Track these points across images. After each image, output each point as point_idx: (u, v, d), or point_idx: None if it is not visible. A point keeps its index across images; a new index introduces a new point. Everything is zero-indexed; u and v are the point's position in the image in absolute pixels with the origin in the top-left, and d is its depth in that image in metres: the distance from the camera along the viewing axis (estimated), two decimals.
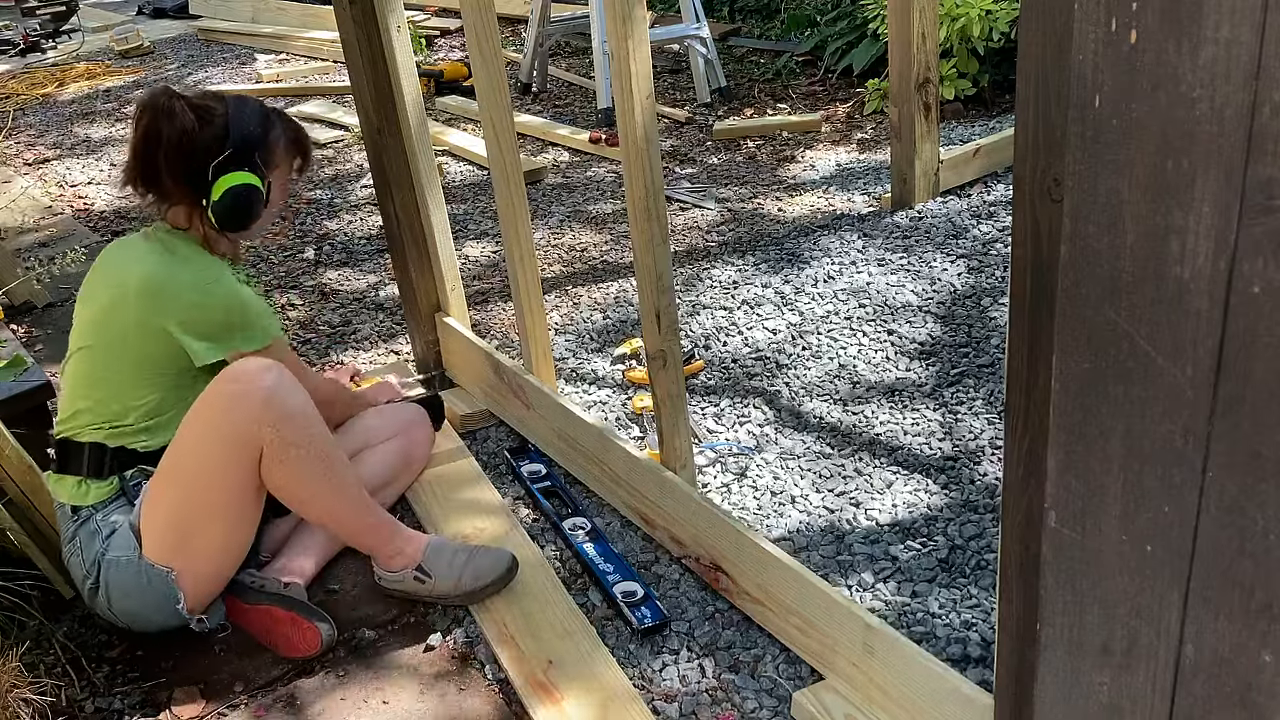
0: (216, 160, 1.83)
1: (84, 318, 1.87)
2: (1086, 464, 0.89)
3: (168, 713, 1.76)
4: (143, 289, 1.80)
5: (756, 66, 5.29)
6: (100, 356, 1.83)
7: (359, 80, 2.36)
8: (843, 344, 2.67)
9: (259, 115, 1.91)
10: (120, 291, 1.81)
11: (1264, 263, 0.72)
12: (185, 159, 1.83)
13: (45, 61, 7.20)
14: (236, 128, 1.85)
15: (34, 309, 3.35)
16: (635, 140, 1.69)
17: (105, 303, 1.84)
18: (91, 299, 1.87)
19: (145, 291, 1.80)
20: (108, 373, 1.83)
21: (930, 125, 3.30)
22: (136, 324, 1.80)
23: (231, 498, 1.75)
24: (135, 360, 1.82)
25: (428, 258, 2.55)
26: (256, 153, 1.88)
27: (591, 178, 4.11)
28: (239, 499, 1.76)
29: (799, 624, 1.69)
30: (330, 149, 4.76)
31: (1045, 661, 1.01)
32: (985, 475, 2.13)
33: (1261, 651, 0.82)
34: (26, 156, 5.08)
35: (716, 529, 1.83)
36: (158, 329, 1.80)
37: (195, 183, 1.85)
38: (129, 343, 1.81)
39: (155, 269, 1.82)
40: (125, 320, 1.80)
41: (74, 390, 1.86)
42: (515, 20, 6.55)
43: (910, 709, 1.52)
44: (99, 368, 1.83)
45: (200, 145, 1.83)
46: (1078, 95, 0.79)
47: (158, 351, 1.81)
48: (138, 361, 1.82)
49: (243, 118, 1.87)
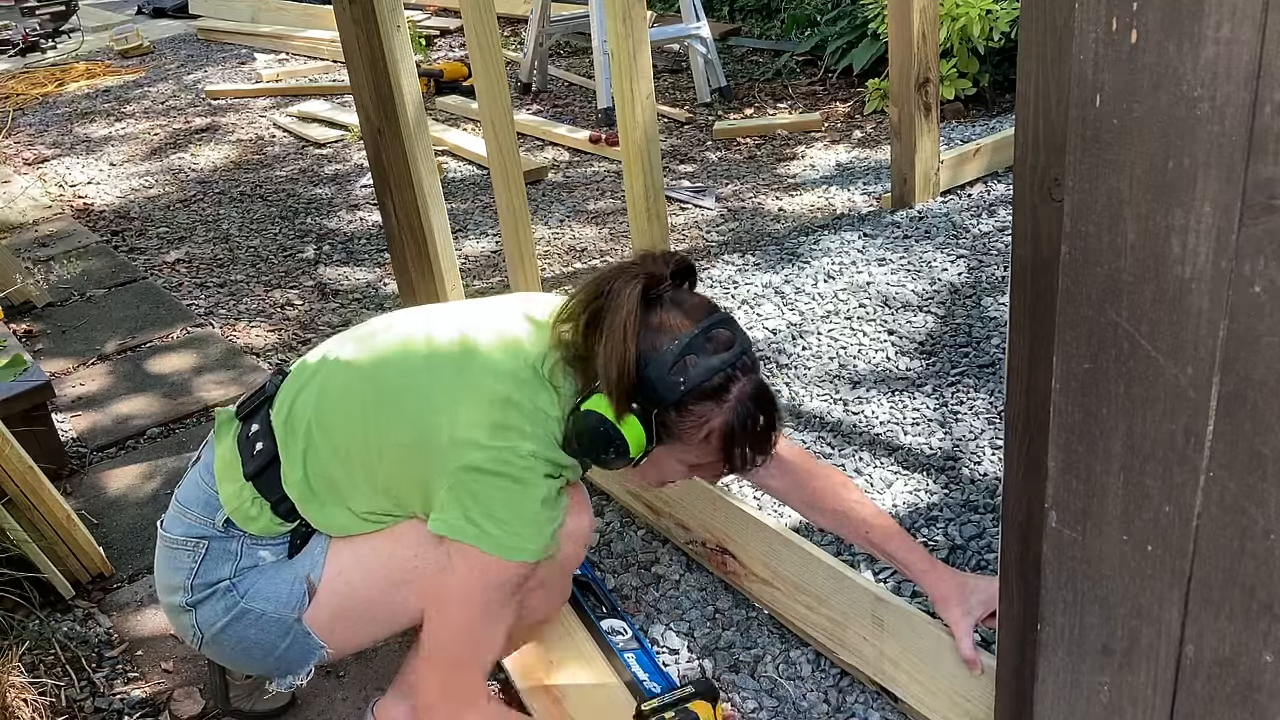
0: None
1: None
2: (1087, 464, 0.89)
3: (168, 713, 1.76)
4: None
5: (756, 66, 5.29)
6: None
7: (359, 80, 2.35)
8: (843, 343, 2.66)
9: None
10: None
11: (1264, 262, 0.72)
12: None
13: (45, 61, 7.20)
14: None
15: (34, 309, 3.35)
16: (635, 140, 1.69)
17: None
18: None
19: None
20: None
21: (930, 125, 3.30)
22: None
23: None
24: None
25: (427, 257, 2.54)
26: None
27: (591, 176, 4.11)
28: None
29: (808, 602, 1.70)
30: (330, 149, 4.76)
31: (1045, 661, 1.01)
32: (985, 475, 2.13)
33: (1262, 652, 0.82)
34: (26, 156, 5.08)
35: (723, 511, 1.84)
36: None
37: None
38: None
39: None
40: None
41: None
42: (515, 20, 6.54)
43: (922, 680, 1.53)
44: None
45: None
46: (1078, 95, 0.78)
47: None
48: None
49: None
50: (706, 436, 1.38)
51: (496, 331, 1.47)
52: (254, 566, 1.47)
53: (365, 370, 1.48)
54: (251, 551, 1.47)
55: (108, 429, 2.65)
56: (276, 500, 1.45)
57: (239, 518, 1.46)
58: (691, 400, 1.35)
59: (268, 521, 1.45)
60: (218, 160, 4.76)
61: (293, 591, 1.45)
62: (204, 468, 1.52)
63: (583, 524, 1.50)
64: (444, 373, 1.44)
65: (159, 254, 3.79)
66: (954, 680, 1.50)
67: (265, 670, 1.52)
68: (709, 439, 1.38)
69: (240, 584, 1.46)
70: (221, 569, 1.46)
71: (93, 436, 2.62)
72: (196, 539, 1.47)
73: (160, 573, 1.51)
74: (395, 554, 1.45)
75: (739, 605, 1.87)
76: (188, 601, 1.47)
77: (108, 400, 2.79)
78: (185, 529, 1.48)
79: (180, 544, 1.47)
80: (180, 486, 1.55)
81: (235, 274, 3.56)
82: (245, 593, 1.45)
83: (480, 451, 1.35)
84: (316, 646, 1.48)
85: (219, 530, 1.46)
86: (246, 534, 1.46)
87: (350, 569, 1.46)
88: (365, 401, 1.45)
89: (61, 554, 2.03)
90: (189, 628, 1.49)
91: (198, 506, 1.49)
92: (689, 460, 1.44)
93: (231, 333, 3.14)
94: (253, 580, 1.46)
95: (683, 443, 1.39)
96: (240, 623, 1.46)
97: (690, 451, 1.41)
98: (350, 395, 1.47)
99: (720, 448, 1.39)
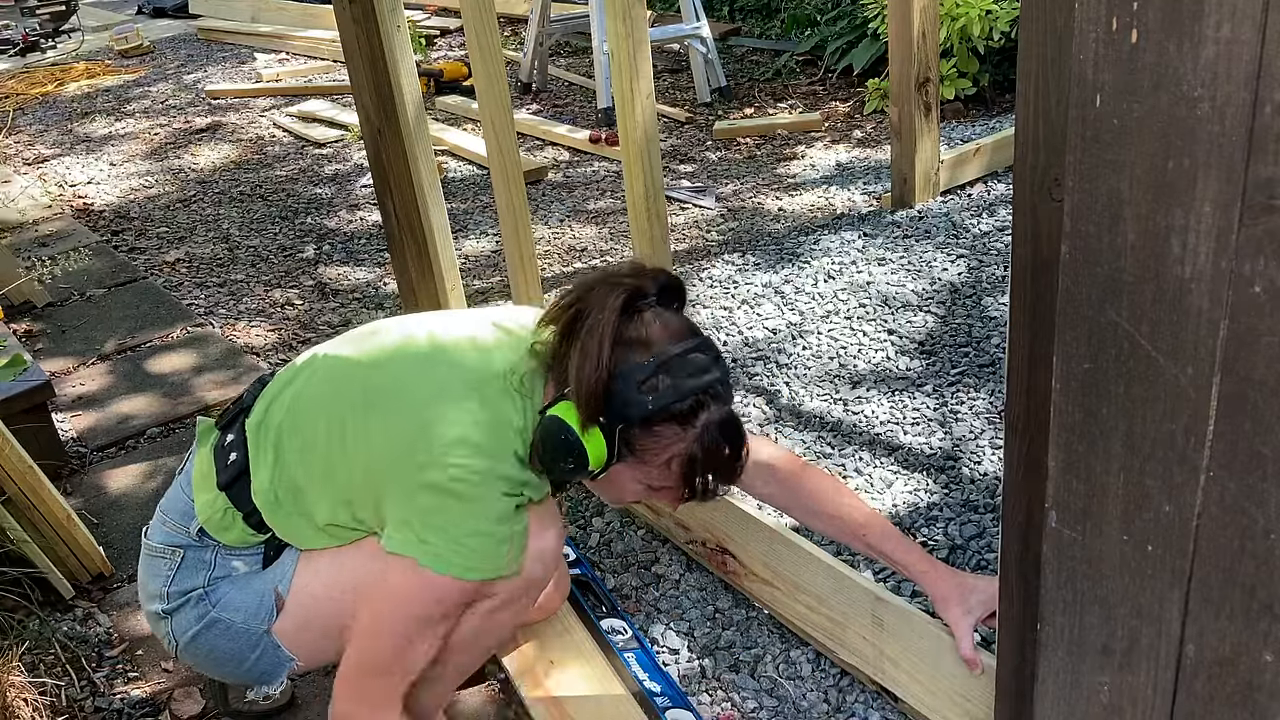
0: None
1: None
2: (1087, 464, 0.89)
3: (168, 713, 1.76)
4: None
5: (756, 66, 5.29)
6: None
7: (359, 80, 2.35)
8: (843, 343, 2.66)
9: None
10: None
11: (1264, 262, 0.72)
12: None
13: (45, 61, 7.20)
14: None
15: (34, 308, 3.35)
16: (635, 139, 1.69)
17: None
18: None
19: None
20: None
21: (930, 125, 3.30)
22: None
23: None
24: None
25: (427, 257, 2.54)
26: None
27: (591, 176, 4.11)
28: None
29: (808, 601, 1.71)
30: (330, 149, 4.76)
31: (1045, 661, 1.01)
32: (985, 475, 2.13)
33: (1263, 651, 0.82)
34: (26, 155, 5.08)
35: (723, 511, 1.84)
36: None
37: None
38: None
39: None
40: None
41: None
42: (515, 20, 6.55)
43: (922, 680, 1.53)
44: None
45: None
46: (1078, 95, 0.78)
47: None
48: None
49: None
50: (668, 461, 1.36)
51: (468, 342, 1.46)
52: (227, 577, 1.46)
53: (336, 381, 1.48)
54: (225, 561, 1.46)
55: (108, 429, 2.65)
56: (248, 511, 1.44)
57: (212, 528, 1.45)
58: (657, 421, 1.33)
59: (240, 532, 1.45)
60: (218, 160, 4.76)
61: (262, 603, 1.45)
62: (185, 477, 1.53)
63: (547, 543, 1.46)
64: (410, 386, 1.42)
65: (159, 254, 3.79)
66: (954, 680, 1.50)
67: (239, 679, 1.52)
68: (670, 464, 1.36)
69: (213, 593, 1.45)
70: (196, 578, 1.46)
71: (93, 436, 2.62)
72: (174, 547, 1.47)
73: (141, 580, 1.52)
74: (359, 568, 1.43)
75: (739, 605, 1.87)
76: (164, 609, 1.47)
77: (108, 400, 2.79)
78: (164, 537, 1.48)
79: (160, 552, 1.48)
80: (165, 495, 1.55)
81: (235, 274, 3.56)
82: (217, 602, 1.45)
83: (436, 470, 1.33)
84: (286, 659, 1.47)
85: (194, 539, 1.46)
86: (220, 544, 1.46)
87: (315, 583, 1.45)
88: (331, 414, 1.44)
89: (61, 554, 2.03)
90: (166, 635, 1.49)
91: (175, 515, 1.49)
92: (648, 482, 1.42)
93: (231, 332, 3.14)
94: (225, 590, 1.45)
95: (644, 464, 1.37)
96: (211, 632, 1.45)
97: (651, 474, 1.39)
98: (319, 405, 1.46)
99: (680, 474, 1.37)
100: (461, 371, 1.41)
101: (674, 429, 1.34)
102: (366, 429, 1.40)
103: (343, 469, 1.41)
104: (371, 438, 1.39)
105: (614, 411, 1.32)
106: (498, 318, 1.52)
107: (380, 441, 1.39)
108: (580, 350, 1.33)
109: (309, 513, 1.44)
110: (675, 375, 1.32)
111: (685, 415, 1.34)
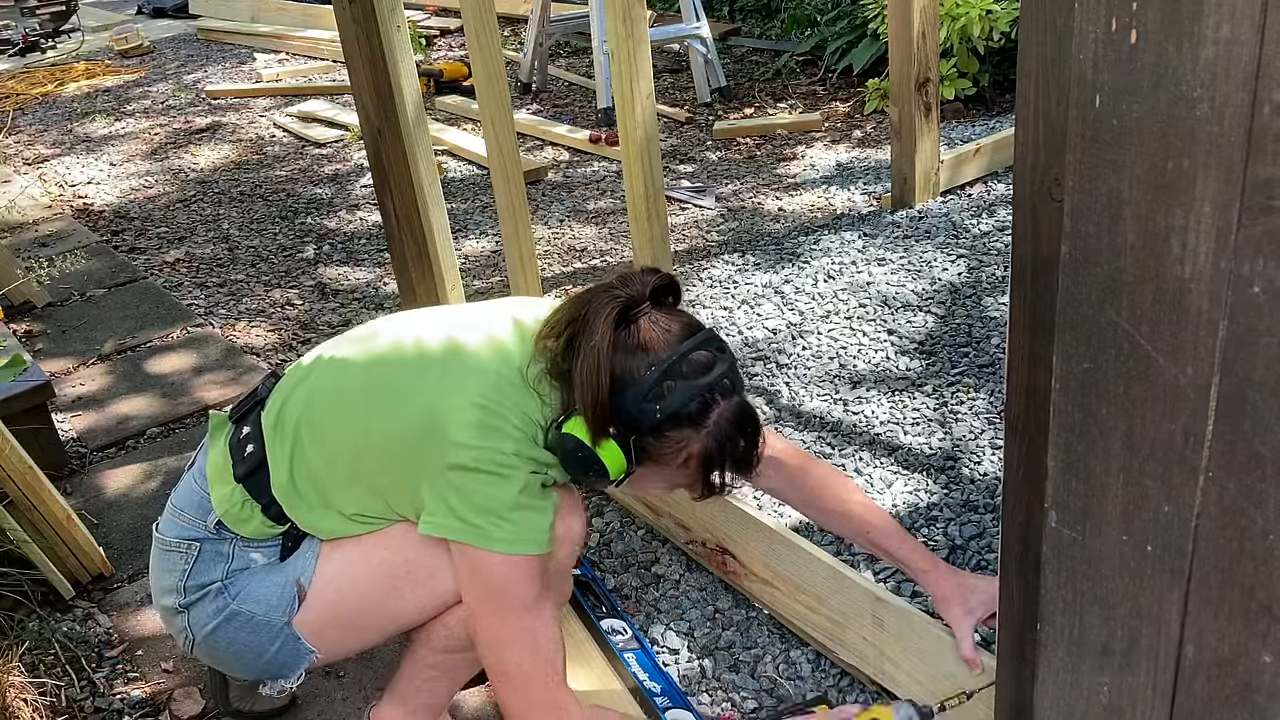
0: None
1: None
2: (1087, 464, 0.89)
3: (168, 713, 1.76)
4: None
5: (756, 66, 5.29)
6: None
7: (359, 80, 2.35)
8: (843, 343, 2.66)
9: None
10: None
11: (1264, 262, 0.72)
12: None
13: (45, 61, 7.20)
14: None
15: (34, 309, 3.35)
16: (635, 139, 1.69)
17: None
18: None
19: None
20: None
21: (930, 125, 3.30)
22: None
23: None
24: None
25: (427, 257, 2.54)
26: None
27: (591, 176, 4.11)
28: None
29: (808, 601, 1.71)
30: (330, 149, 4.76)
31: (1045, 661, 1.01)
32: (985, 475, 2.13)
33: (1262, 652, 0.82)
34: (26, 155, 5.08)
35: (724, 511, 1.84)
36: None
37: None
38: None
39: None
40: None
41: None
42: (515, 20, 6.55)
43: (922, 680, 1.53)
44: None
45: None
46: (1078, 95, 0.78)
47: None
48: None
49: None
50: (685, 461, 1.37)
51: (485, 335, 1.47)
52: (245, 569, 1.46)
53: (355, 371, 1.48)
54: (243, 554, 1.46)
55: (107, 429, 2.65)
56: (267, 503, 1.44)
57: (230, 520, 1.45)
58: (668, 426, 1.34)
59: (259, 524, 1.45)
60: (218, 160, 4.76)
61: (283, 595, 1.45)
62: (198, 471, 1.53)
63: (574, 527, 1.49)
64: (432, 374, 1.43)
65: (159, 254, 3.79)
66: (954, 680, 1.50)
67: (256, 673, 1.51)
68: (687, 463, 1.38)
69: (232, 586, 1.45)
70: (214, 571, 1.46)
71: (92, 436, 2.62)
72: (189, 541, 1.47)
73: (155, 575, 1.51)
74: (385, 560, 1.44)
75: (739, 605, 1.87)
76: (181, 603, 1.47)
77: (107, 400, 2.80)
78: (179, 531, 1.48)
79: (174, 546, 1.48)
80: (175, 490, 1.55)
81: (235, 274, 3.56)
82: (236, 595, 1.45)
83: (465, 451, 1.34)
84: (306, 651, 1.47)
85: (211, 532, 1.46)
86: (238, 536, 1.46)
87: (340, 574, 1.45)
88: (354, 403, 1.45)
89: (61, 554, 2.03)
90: (182, 630, 1.49)
91: (191, 509, 1.49)
92: (670, 481, 1.44)
93: (231, 332, 3.14)
94: (244, 582, 1.45)
95: (662, 465, 1.39)
96: (231, 625, 1.45)
97: (670, 473, 1.41)
98: (339, 396, 1.47)
99: (699, 471, 1.38)
100: (485, 364, 1.43)
101: (686, 431, 1.35)
102: (391, 417, 1.41)
103: (371, 460, 1.42)
104: (399, 425, 1.40)
105: (625, 424, 1.34)
106: (516, 312, 1.53)
107: (406, 429, 1.40)
108: (581, 371, 1.35)
109: (334, 504, 1.44)
110: (679, 379, 1.33)
111: (695, 416, 1.34)
